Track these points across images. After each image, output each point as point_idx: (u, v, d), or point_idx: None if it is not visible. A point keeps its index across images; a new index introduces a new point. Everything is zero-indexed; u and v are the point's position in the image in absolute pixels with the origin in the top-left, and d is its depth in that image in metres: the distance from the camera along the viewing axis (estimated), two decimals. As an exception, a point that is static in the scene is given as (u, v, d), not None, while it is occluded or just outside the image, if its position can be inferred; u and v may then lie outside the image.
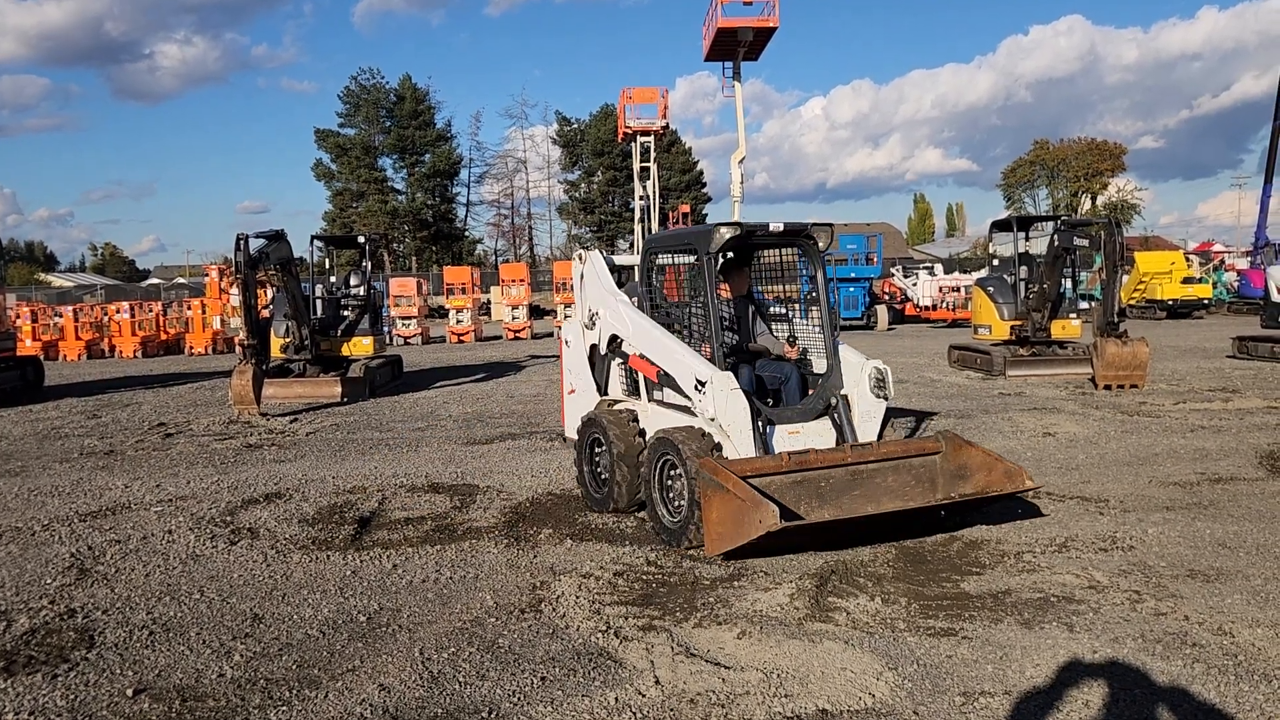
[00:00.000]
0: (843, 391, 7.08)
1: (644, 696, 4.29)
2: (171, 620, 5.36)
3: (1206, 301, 37.00)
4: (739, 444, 6.60)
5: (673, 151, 75.92)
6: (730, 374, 6.67)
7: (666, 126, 38.54)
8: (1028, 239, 17.86)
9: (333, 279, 18.15)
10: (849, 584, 5.77)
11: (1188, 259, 40.91)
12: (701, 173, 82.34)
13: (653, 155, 37.47)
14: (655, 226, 38.02)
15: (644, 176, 38.00)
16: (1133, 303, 35.61)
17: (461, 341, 31.20)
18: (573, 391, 8.89)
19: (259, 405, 13.29)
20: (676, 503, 6.62)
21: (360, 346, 16.41)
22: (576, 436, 8.00)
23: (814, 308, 7.57)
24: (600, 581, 5.87)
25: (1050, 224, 16.80)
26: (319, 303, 16.73)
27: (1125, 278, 31.45)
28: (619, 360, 8.05)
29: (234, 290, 22.34)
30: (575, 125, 79.89)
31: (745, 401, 6.61)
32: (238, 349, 14.34)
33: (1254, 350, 18.77)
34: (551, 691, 4.36)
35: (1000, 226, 18.82)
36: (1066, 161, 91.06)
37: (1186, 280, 36.15)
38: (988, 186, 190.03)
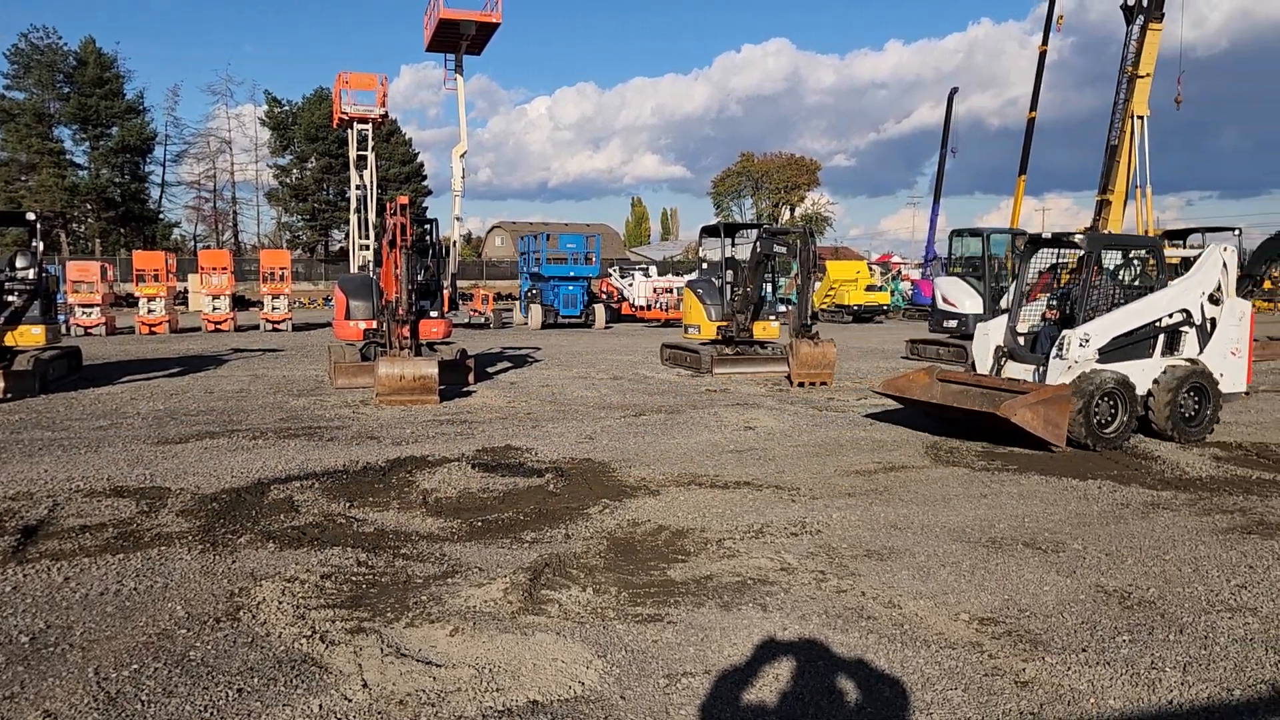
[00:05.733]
0: None
1: (350, 701, 4.14)
2: None
3: (886, 307, 41.08)
4: None
5: (392, 141, 73.77)
6: None
7: (386, 115, 37.15)
8: (734, 245, 18.97)
9: (-5, 260, 16.03)
10: (562, 576, 5.88)
11: (871, 269, 45.18)
12: (423, 165, 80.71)
13: (370, 144, 36.12)
14: (373, 217, 36.73)
15: (361, 165, 36.53)
16: (824, 307, 38.79)
17: (154, 333, 28.62)
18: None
19: (-103, 402, 11.52)
20: None
21: (29, 336, 14.64)
22: None
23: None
24: (306, 585, 5.60)
25: (754, 231, 17.96)
26: (-23, 286, 14.74)
27: (818, 284, 34.10)
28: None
29: None
30: (287, 107, 75.40)
31: None
32: None
33: (923, 351, 21.13)
34: (249, 704, 4.11)
35: (709, 232, 19.89)
36: (769, 174, 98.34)
37: (869, 288, 39.98)
38: (699, 193, 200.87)
